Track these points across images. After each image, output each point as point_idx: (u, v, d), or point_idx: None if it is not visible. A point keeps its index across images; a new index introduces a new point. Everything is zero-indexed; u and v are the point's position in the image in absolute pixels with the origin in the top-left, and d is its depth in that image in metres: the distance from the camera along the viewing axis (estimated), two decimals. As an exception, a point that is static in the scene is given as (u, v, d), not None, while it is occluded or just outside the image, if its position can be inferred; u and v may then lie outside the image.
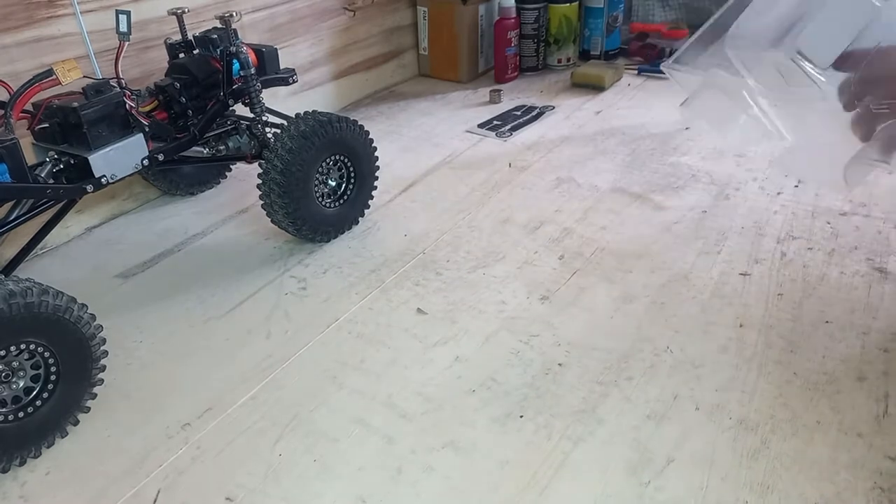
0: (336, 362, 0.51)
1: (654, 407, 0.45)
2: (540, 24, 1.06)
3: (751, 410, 0.45)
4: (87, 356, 0.45)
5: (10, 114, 0.50)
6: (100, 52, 0.66)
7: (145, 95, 0.59)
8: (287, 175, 0.59)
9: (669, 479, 0.40)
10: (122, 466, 0.43)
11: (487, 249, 0.64)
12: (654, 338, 0.51)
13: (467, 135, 0.89)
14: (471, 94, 1.03)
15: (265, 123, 0.65)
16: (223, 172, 0.79)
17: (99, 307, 0.49)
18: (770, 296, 0.55)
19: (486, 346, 0.52)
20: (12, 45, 0.60)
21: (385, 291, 0.59)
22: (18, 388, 0.43)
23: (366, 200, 0.69)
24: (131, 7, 0.60)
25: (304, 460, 0.43)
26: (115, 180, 0.55)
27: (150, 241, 0.68)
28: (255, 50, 0.64)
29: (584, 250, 0.63)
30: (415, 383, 0.49)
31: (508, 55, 1.06)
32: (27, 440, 0.43)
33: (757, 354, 0.49)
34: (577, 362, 0.49)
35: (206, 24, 0.68)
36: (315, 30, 0.91)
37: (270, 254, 0.65)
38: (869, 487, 0.39)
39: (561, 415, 0.45)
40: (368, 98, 1.04)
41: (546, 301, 0.56)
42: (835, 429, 0.43)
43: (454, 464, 0.42)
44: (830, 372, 0.47)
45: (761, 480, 0.40)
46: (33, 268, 0.64)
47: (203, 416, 0.47)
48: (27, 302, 0.41)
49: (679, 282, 0.57)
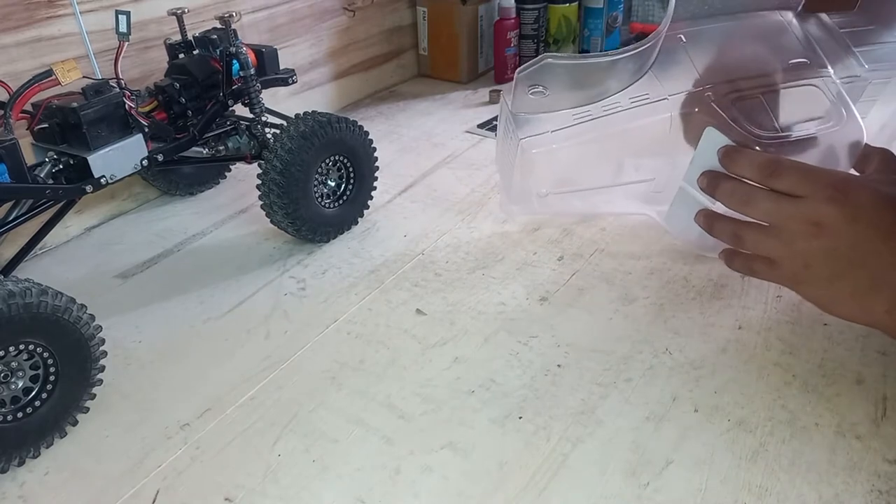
0: (335, 363, 0.51)
1: (653, 408, 0.45)
2: (540, 24, 1.06)
3: (749, 412, 0.45)
4: (86, 356, 0.45)
5: (10, 114, 0.50)
6: (99, 53, 0.66)
7: (145, 96, 0.59)
8: (286, 175, 0.59)
9: (668, 481, 0.40)
10: (121, 466, 0.43)
11: (487, 250, 0.64)
12: (653, 339, 0.51)
13: (467, 135, 0.89)
14: (471, 95, 1.03)
15: (265, 124, 0.65)
16: (223, 173, 0.79)
17: (98, 307, 0.49)
18: (769, 298, 0.55)
19: (486, 346, 0.52)
20: (12, 45, 0.60)
21: (384, 292, 0.59)
22: (17, 388, 0.43)
23: (365, 201, 0.69)
24: (131, 7, 0.60)
25: (303, 460, 0.43)
26: (114, 181, 0.55)
27: (150, 241, 0.68)
28: (255, 50, 0.64)
29: (583, 251, 0.63)
30: (414, 384, 0.49)
31: (508, 55, 1.06)
32: (26, 440, 0.43)
33: (756, 356, 0.49)
34: (577, 363, 0.50)
35: (206, 25, 0.68)
36: (315, 30, 0.91)
37: (270, 254, 0.65)
38: (867, 490, 0.39)
39: (560, 416, 0.45)
40: (368, 98, 1.04)
41: (545, 302, 0.56)
42: (833, 431, 0.43)
43: (453, 464, 0.42)
44: (829, 374, 0.47)
45: (760, 482, 0.40)
46: (32, 268, 0.64)
47: (202, 416, 0.47)
48: (26, 302, 0.41)
49: (678, 283, 0.58)
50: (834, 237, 0.43)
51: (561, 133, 0.53)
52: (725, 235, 0.50)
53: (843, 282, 0.44)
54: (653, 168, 0.56)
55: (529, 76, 0.52)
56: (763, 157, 0.47)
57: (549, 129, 0.53)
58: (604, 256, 0.62)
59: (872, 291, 0.43)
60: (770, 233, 0.46)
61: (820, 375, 0.47)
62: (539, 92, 0.52)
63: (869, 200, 0.43)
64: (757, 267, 0.49)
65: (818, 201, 0.43)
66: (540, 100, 0.53)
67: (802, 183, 0.44)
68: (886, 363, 0.48)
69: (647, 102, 0.53)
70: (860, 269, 0.43)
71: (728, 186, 0.48)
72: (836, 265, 0.44)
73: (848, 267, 0.43)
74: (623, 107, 0.53)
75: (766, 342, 0.50)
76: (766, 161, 0.46)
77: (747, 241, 0.48)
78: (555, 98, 0.53)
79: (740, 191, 0.47)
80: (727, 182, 0.48)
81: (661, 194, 0.56)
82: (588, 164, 0.57)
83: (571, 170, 0.57)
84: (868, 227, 0.42)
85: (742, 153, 0.48)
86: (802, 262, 0.45)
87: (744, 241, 0.48)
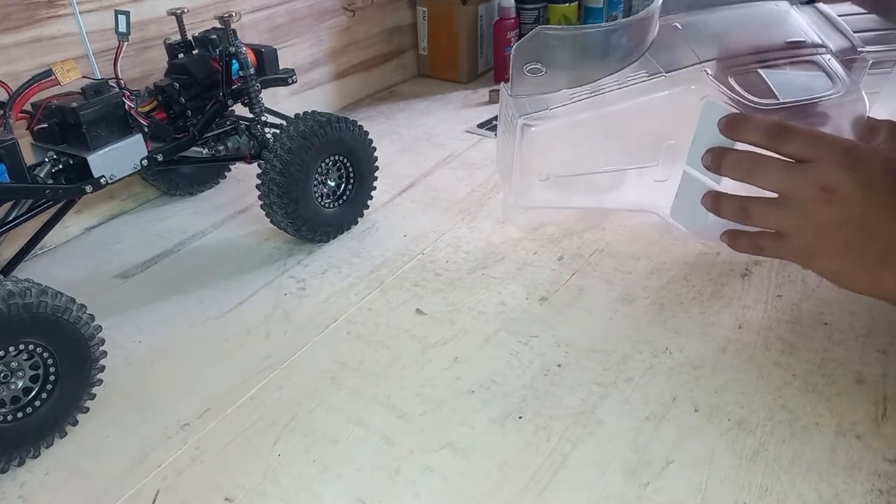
0: (335, 363, 0.51)
1: (653, 408, 0.45)
2: (539, 24, 1.06)
3: (749, 412, 0.45)
4: (86, 356, 0.45)
5: (9, 114, 0.50)
6: (99, 53, 0.66)
7: (144, 96, 0.59)
8: (286, 175, 0.59)
9: (668, 481, 0.40)
10: (121, 467, 0.43)
11: (487, 250, 0.64)
12: (653, 339, 0.51)
13: (467, 135, 0.89)
14: (470, 94, 1.03)
15: (264, 124, 0.65)
16: (222, 172, 0.79)
17: (98, 307, 0.49)
18: (769, 298, 0.55)
19: (486, 346, 0.52)
20: (12, 45, 0.60)
21: (384, 292, 0.59)
22: (17, 388, 0.43)
23: (365, 201, 0.69)
24: (131, 7, 0.60)
25: (303, 460, 0.43)
26: (114, 181, 0.55)
27: (150, 241, 0.68)
28: (255, 50, 0.64)
29: (583, 251, 0.63)
30: (414, 384, 0.49)
31: (508, 55, 1.05)
32: (26, 440, 0.43)
33: (756, 356, 0.49)
34: (577, 363, 0.50)
35: (206, 25, 0.68)
36: (315, 30, 0.91)
37: (269, 254, 0.65)
38: (867, 489, 0.39)
39: (560, 416, 0.45)
40: (368, 98, 1.04)
41: (545, 302, 0.56)
42: (833, 431, 0.43)
43: (453, 464, 0.42)
44: (829, 374, 0.47)
45: (760, 482, 0.40)
46: (32, 268, 0.64)
47: (202, 416, 0.47)
48: (26, 302, 0.41)
49: (678, 283, 0.57)
50: (846, 204, 0.41)
51: (560, 111, 0.53)
52: (731, 211, 0.47)
53: (855, 252, 0.42)
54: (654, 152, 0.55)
55: (525, 50, 0.51)
56: (769, 120, 0.45)
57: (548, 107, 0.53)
58: (604, 256, 0.62)
59: (883, 263, 0.41)
60: (779, 203, 0.44)
61: (820, 375, 0.47)
62: (536, 69, 0.52)
63: (880, 166, 0.41)
64: (764, 243, 0.47)
65: (829, 165, 0.41)
66: (538, 79, 0.52)
67: (811, 146, 0.42)
68: (886, 363, 0.48)
69: (644, 79, 0.52)
70: (873, 239, 0.41)
71: (733, 157, 0.46)
72: (849, 234, 0.42)
73: (860, 236, 0.41)
74: (620, 84, 0.52)
75: (766, 342, 0.50)
76: (772, 124, 0.44)
77: (755, 214, 0.46)
78: (552, 77, 0.52)
79: (747, 159, 0.45)
80: (732, 153, 0.46)
81: (665, 185, 0.56)
82: (588, 146, 0.56)
83: (572, 151, 0.56)
84: (879, 194, 0.41)
85: (746, 118, 0.46)
86: (814, 232, 0.43)
87: (751, 214, 0.46)
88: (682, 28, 0.53)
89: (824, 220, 0.42)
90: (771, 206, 0.45)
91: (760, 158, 0.45)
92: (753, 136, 0.45)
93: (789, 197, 0.44)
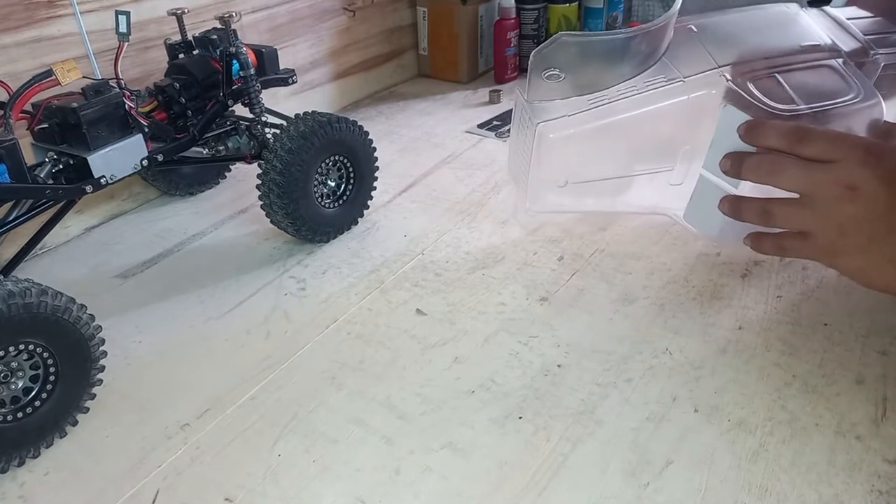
0: (335, 363, 0.51)
1: (653, 409, 0.45)
2: (539, 24, 1.06)
3: (749, 412, 0.45)
4: (86, 356, 0.45)
5: (10, 114, 0.50)
6: (99, 53, 0.66)
7: (145, 96, 0.59)
8: (286, 175, 0.59)
9: (668, 481, 0.40)
10: (121, 467, 0.43)
11: (487, 250, 0.64)
12: (653, 339, 0.51)
13: (467, 135, 0.89)
14: (470, 95, 1.03)
15: (265, 124, 0.65)
16: (223, 173, 0.79)
17: (98, 307, 0.49)
18: (769, 298, 0.55)
19: (486, 347, 0.52)
20: (12, 45, 0.60)
21: (384, 292, 0.59)
22: (17, 388, 0.43)
23: (365, 201, 0.69)
24: (131, 7, 0.60)
25: (303, 461, 0.43)
26: (114, 181, 0.55)
27: (150, 241, 0.68)
28: (255, 50, 0.64)
29: (583, 251, 0.63)
30: (414, 384, 0.49)
31: (508, 55, 1.06)
32: (26, 440, 0.43)
33: (756, 357, 0.49)
34: (577, 364, 0.50)
35: (206, 25, 0.68)
36: (315, 30, 0.91)
37: (270, 254, 0.65)
38: (867, 490, 0.39)
39: (560, 416, 0.45)
40: (368, 98, 1.04)
41: (545, 302, 0.56)
42: (833, 431, 0.43)
43: (453, 464, 0.42)
44: (829, 374, 0.47)
45: (760, 482, 0.40)
46: (32, 268, 0.64)
47: (202, 416, 0.47)
48: (26, 302, 0.41)
49: (678, 283, 0.58)
50: (870, 201, 0.41)
51: (577, 117, 0.53)
52: (753, 214, 0.47)
53: (878, 248, 0.42)
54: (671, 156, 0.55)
55: (545, 57, 0.51)
56: (789, 124, 0.45)
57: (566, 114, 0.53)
58: (604, 256, 0.62)
59: None
60: (802, 203, 0.44)
61: (820, 375, 0.47)
62: (554, 75, 0.52)
63: None
64: (788, 244, 0.47)
65: (851, 164, 0.42)
66: (556, 84, 0.52)
67: (833, 147, 0.43)
68: (886, 363, 0.48)
69: (662, 85, 0.52)
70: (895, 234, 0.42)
71: (754, 160, 0.46)
72: (873, 230, 0.42)
73: (885, 232, 0.42)
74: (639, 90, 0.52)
75: (766, 342, 0.50)
76: (793, 128, 0.44)
77: (778, 216, 0.46)
78: (570, 82, 0.52)
79: (768, 161, 0.45)
80: (752, 157, 0.47)
81: (680, 188, 0.55)
82: (606, 152, 0.56)
83: (589, 157, 0.56)
84: None
85: (766, 124, 0.46)
86: (838, 231, 0.43)
87: (774, 216, 0.46)
88: (697, 30, 0.53)
89: (847, 217, 0.43)
90: (793, 207, 0.45)
91: (781, 160, 0.45)
92: (774, 141, 0.45)
93: (812, 196, 0.44)
